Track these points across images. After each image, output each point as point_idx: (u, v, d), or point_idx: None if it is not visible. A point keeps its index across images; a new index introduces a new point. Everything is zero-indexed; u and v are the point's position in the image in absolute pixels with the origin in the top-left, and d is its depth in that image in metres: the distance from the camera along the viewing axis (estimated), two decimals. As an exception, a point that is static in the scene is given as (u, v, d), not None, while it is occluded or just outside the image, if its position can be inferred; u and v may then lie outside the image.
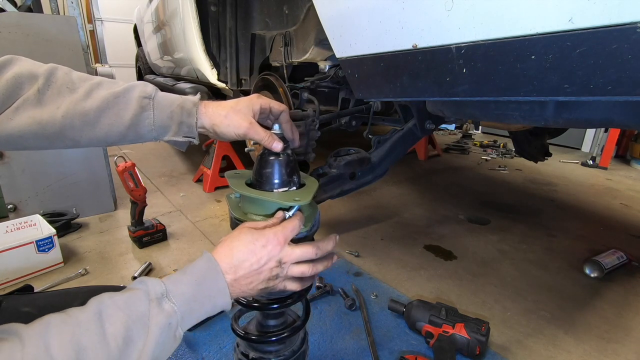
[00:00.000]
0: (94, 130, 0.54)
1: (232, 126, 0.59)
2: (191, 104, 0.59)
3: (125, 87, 0.56)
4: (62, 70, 0.55)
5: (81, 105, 0.53)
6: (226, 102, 0.61)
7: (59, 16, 1.88)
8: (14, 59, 0.53)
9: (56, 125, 0.52)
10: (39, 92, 0.51)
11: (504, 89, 0.57)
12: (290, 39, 1.50)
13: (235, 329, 0.73)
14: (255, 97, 0.63)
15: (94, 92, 0.54)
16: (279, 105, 0.65)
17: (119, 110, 0.55)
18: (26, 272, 1.31)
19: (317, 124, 1.29)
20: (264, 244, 0.52)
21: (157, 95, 0.58)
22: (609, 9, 0.42)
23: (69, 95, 0.53)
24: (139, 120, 0.56)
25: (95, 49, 5.77)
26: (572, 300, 1.26)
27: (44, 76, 0.52)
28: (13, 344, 0.36)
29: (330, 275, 1.33)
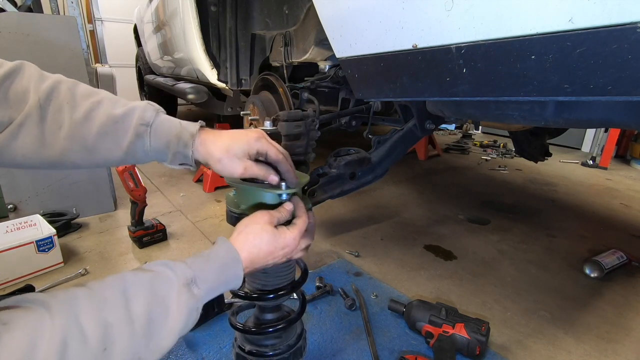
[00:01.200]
0: (93, 155, 0.55)
1: (225, 171, 0.58)
2: (188, 136, 0.57)
3: (125, 111, 0.55)
4: (66, 84, 0.54)
5: (80, 130, 0.52)
6: (223, 139, 0.58)
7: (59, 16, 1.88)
8: (24, 66, 0.52)
9: (57, 148, 0.52)
10: (40, 108, 0.50)
11: (504, 89, 0.57)
12: (290, 39, 1.50)
13: (232, 323, 0.74)
14: (254, 139, 0.59)
15: (94, 114, 0.53)
16: (276, 154, 0.60)
17: (117, 137, 0.54)
18: (26, 272, 1.31)
19: (317, 124, 1.29)
20: (283, 246, 0.57)
21: (156, 121, 0.56)
22: (609, 9, 0.42)
23: (69, 113, 0.52)
24: (136, 147, 0.56)
25: (95, 49, 5.77)
26: (572, 300, 1.26)
27: (46, 89, 0.52)
28: (40, 314, 0.36)
29: (330, 275, 1.33)
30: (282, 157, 0.61)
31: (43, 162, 0.53)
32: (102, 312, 0.39)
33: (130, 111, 0.55)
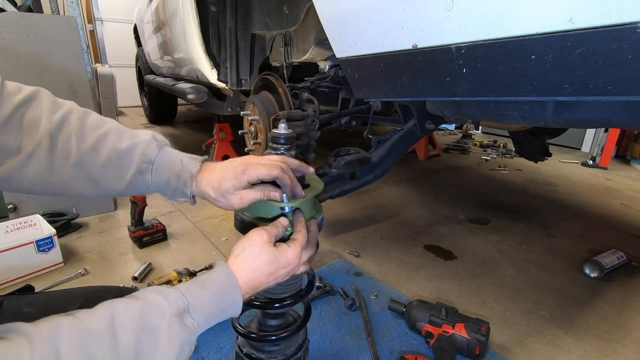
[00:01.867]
0: (96, 186, 0.56)
1: (224, 206, 0.59)
2: (188, 176, 0.58)
3: (129, 146, 0.56)
4: (76, 113, 0.55)
5: (87, 161, 0.54)
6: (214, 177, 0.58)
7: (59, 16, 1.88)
8: (40, 94, 0.54)
9: (64, 177, 0.53)
10: (50, 137, 0.52)
11: (504, 89, 0.57)
12: (290, 39, 1.50)
13: (234, 324, 0.73)
14: (240, 173, 0.57)
15: (100, 145, 0.54)
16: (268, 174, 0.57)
17: (120, 170, 0.56)
18: (26, 272, 1.31)
19: (317, 124, 1.29)
20: (285, 265, 0.55)
21: (158, 158, 0.57)
22: (609, 8, 0.42)
23: (76, 143, 0.53)
24: (137, 182, 0.57)
25: (95, 49, 5.77)
26: (572, 300, 1.26)
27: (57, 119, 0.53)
28: (20, 345, 0.35)
29: (330, 275, 1.33)
30: (278, 172, 0.58)
31: (48, 189, 0.54)
32: (86, 345, 0.38)
33: (134, 146, 0.56)
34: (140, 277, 1.29)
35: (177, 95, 2.66)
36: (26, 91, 0.52)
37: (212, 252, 1.52)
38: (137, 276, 1.29)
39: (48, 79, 1.63)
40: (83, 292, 0.77)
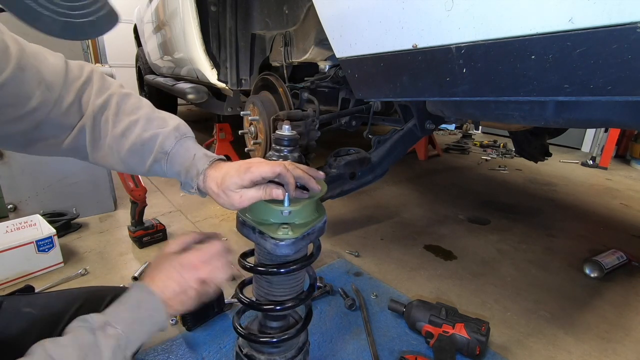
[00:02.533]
0: (125, 165, 0.63)
1: (225, 204, 0.60)
2: (195, 172, 0.61)
3: (152, 135, 0.61)
4: (116, 98, 0.62)
5: (116, 143, 0.61)
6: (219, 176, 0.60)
7: (59, 16, 1.88)
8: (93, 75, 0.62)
9: (101, 152, 0.62)
10: (94, 118, 0.60)
11: (504, 89, 0.57)
12: (290, 39, 1.50)
13: (235, 324, 0.73)
14: (244, 171, 0.58)
15: (128, 133, 0.61)
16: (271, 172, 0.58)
17: (142, 156, 0.62)
18: (26, 272, 1.31)
19: (317, 124, 1.29)
20: (180, 270, 0.58)
21: (173, 151, 0.62)
22: (609, 8, 0.42)
23: (111, 126, 0.60)
24: (154, 169, 0.63)
25: (95, 49, 5.76)
26: (572, 300, 1.26)
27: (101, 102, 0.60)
28: None
29: (330, 275, 1.33)
30: (281, 169, 0.59)
31: (96, 162, 0.64)
32: None
33: (155, 136, 0.61)
34: (140, 277, 1.29)
35: (177, 95, 2.66)
36: (84, 75, 0.60)
37: (212, 252, 1.52)
38: (137, 276, 1.29)
39: (48, 79, 1.63)
40: (83, 292, 0.77)
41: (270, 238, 0.59)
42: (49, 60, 0.57)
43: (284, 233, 0.59)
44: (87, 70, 0.61)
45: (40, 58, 0.56)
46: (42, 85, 0.54)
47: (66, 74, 0.58)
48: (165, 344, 0.99)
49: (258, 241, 0.61)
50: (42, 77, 0.55)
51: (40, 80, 0.54)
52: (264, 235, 0.60)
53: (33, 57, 0.55)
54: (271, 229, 0.60)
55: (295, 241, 0.59)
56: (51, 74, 0.56)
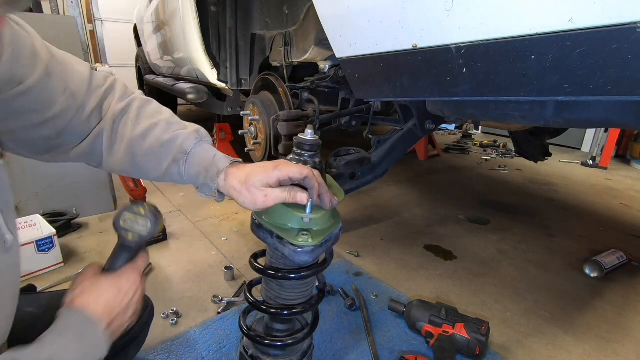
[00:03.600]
0: (140, 170, 0.62)
1: (248, 202, 0.57)
2: (215, 171, 0.60)
3: (171, 137, 0.61)
4: (138, 102, 0.63)
5: (134, 145, 0.60)
6: (243, 171, 0.59)
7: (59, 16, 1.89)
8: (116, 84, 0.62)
9: (117, 156, 0.61)
10: (113, 122, 0.60)
11: (504, 89, 0.57)
12: (290, 39, 1.50)
13: (241, 325, 0.73)
14: (272, 168, 0.58)
15: (148, 134, 0.60)
16: (299, 172, 0.58)
17: (160, 158, 0.61)
18: (26, 272, 1.31)
19: (317, 124, 1.29)
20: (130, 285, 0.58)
21: (193, 151, 0.61)
22: (609, 8, 0.42)
23: (131, 129, 0.60)
24: (172, 171, 0.62)
25: (95, 49, 5.77)
26: (572, 300, 1.26)
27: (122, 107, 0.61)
28: None
29: (330, 275, 1.33)
30: (309, 172, 0.58)
31: (107, 166, 0.63)
32: None
33: (175, 137, 0.61)
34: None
35: (177, 95, 2.66)
36: (108, 83, 0.61)
37: (212, 252, 1.52)
38: (137, 276, 1.29)
39: (48, 79, 1.63)
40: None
41: (290, 244, 0.58)
42: (76, 67, 0.57)
43: (304, 240, 0.58)
44: (110, 79, 0.62)
45: (68, 66, 0.56)
46: (67, 93, 0.55)
47: (90, 82, 0.59)
48: (165, 343, 0.99)
49: (276, 246, 0.60)
50: (67, 84, 0.55)
51: (66, 87, 0.55)
52: (283, 241, 0.59)
53: (61, 64, 0.55)
54: (290, 234, 0.59)
55: (314, 249, 0.59)
56: (76, 82, 0.57)
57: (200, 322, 1.08)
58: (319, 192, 0.60)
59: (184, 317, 1.11)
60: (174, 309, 1.12)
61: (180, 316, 1.11)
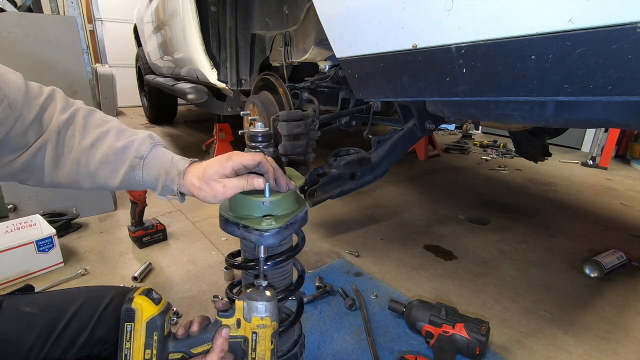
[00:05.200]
0: (93, 180, 0.60)
1: (209, 196, 0.59)
2: (176, 172, 0.60)
3: (125, 144, 0.60)
4: (82, 112, 0.61)
5: (85, 156, 0.58)
6: (199, 170, 0.60)
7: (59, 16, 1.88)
8: (55, 93, 0.60)
9: (66, 170, 0.59)
10: (58, 133, 0.58)
11: (504, 89, 0.57)
12: (290, 39, 1.50)
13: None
14: (225, 159, 0.60)
15: (99, 143, 0.59)
16: (252, 159, 0.60)
17: (115, 166, 0.60)
18: (26, 272, 1.31)
19: (317, 124, 1.29)
20: None
21: (150, 155, 0.61)
22: (609, 8, 0.42)
23: (79, 139, 0.58)
24: (130, 177, 0.60)
25: (95, 49, 5.77)
26: (572, 300, 1.26)
27: (66, 116, 0.59)
28: None
29: (330, 275, 1.33)
30: (261, 157, 0.60)
31: (54, 182, 0.60)
32: None
33: (129, 144, 0.60)
34: (140, 277, 1.29)
35: (177, 95, 2.66)
36: (45, 93, 0.59)
37: (212, 252, 1.52)
38: (137, 276, 1.29)
39: (48, 79, 1.63)
40: (83, 292, 0.77)
41: (255, 230, 0.60)
42: (9, 76, 0.55)
43: (267, 224, 0.61)
44: (47, 89, 0.60)
45: (1, 76, 0.54)
46: (4, 102, 0.52)
47: (27, 91, 0.56)
48: (165, 344, 0.99)
49: (243, 235, 0.62)
50: (3, 93, 0.52)
51: (2, 97, 0.52)
52: (249, 229, 0.61)
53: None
54: (255, 221, 0.62)
55: (279, 230, 0.61)
56: (12, 91, 0.54)
57: (200, 322, 1.08)
58: (274, 176, 0.61)
59: (184, 317, 1.11)
60: (174, 309, 1.12)
61: (180, 316, 1.11)
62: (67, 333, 0.67)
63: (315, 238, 1.66)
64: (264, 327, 0.58)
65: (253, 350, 0.59)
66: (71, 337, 0.67)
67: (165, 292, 1.24)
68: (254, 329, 0.58)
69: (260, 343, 0.58)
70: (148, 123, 4.70)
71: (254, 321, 0.58)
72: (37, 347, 0.64)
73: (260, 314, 0.58)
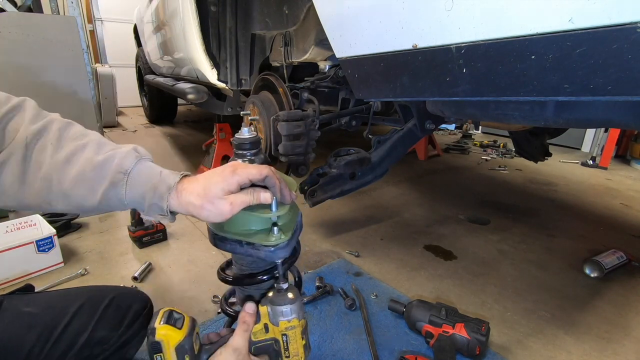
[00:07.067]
0: (68, 201, 0.53)
1: (212, 216, 0.53)
2: (165, 188, 0.53)
3: (106, 157, 0.53)
4: (58, 124, 0.54)
5: (58, 172, 0.51)
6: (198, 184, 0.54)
7: (59, 16, 1.88)
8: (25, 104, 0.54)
9: (35, 188, 0.51)
10: (26, 147, 0.50)
11: (504, 89, 0.57)
12: (290, 39, 1.50)
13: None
14: (229, 174, 0.54)
15: (74, 158, 0.52)
16: (259, 173, 0.55)
17: (93, 184, 0.52)
18: (26, 272, 1.31)
19: (317, 124, 1.29)
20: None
21: (135, 170, 0.53)
22: (608, 8, 0.42)
23: (51, 153, 0.51)
24: (111, 196, 0.53)
25: (95, 49, 5.77)
26: (572, 300, 1.26)
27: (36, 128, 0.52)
28: None
29: (330, 275, 1.33)
30: (268, 171, 0.56)
31: (21, 203, 0.52)
32: None
33: (110, 157, 0.53)
34: (140, 277, 1.29)
35: (177, 95, 2.66)
36: (12, 102, 0.52)
37: (212, 252, 1.52)
38: (137, 276, 1.29)
39: (48, 79, 1.63)
40: (83, 292, 0.77)
41: (263, 247, 0.57)
42: None
43: (277, 238, 0.57)
44: (16, 99, 0.53)
45: None
46: None
47: None
48: (165, 344, 0.99)
49: (249, 253, 0.58)
50: None
51: None
52: (255, 245, 0.57)
53: None
54: (261, 237, 0.57)
55: (289, 241, 0.59)
56: None
57: (200, 322, 1.08)
58: (280, 188, 0.57)
59: (184, 317, 1.11)
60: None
61: (180, 316, 1.11)
62: (67, 333, 0.67)
63: (315, 238, 1.66)
64: (292, 328, 0.57)
65: (286, 349, 0.58)
66: (72, 338, 0.67)
67: (166, 292, 1.24)
68: (283, 332, 0.57)
69: (291, 343, 0.58)
70: (148, 123, 4.70)
71: (282, 325, 0.57)
72: (37, 347, 0.64)
73: (286, 317, 0.56)
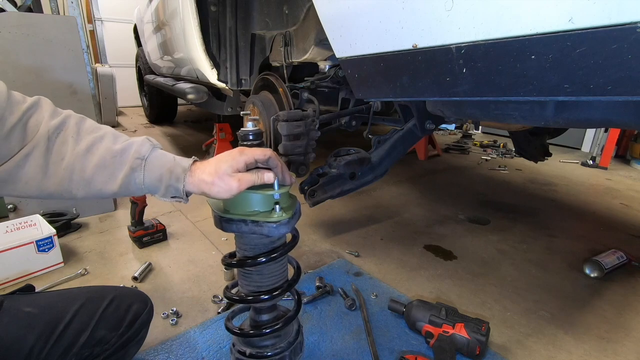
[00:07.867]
0: (89, 187, 0.57)
1: (222, 191, 0.59)
2: (180, 170, 0.60)
3: (124, 146, 0.58)
4: (74, 119, 0.59)
5: (80, 162, 0.56)
6: (210, 164, 0.61)
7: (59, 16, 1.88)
8: (41, 101, 0.58)
9: (57, 178, 0.55)
10: (48, 140, 0.55)
11: (504, 89, 0.57)
12: (290, 39, 1.50)
13: (230, 328, 0.74)
14: (238, 154, 0.61)
15: (94, 148, 0.57)
16: (263, 154, 0.63)
17: (113, 170, 0.57)
18: (26, 272, 1.31)
19: (317, 124, 1.29)
20: None
21: (151, 156, 0.59)
22: (609, 8, 0.42)
23: (72, 145, 0.56)
24: (130, 180, 0.58)
25: (95, 49, 5.77)
26: (572, 300, 1.26)
27: (56, 123, 0.56)
28: None
29: (330, 275, 1.33)
30: (271, 152, 0.63)
31: (43, 192, 0.56)
32: None
33: (128, 146, 0.59)
34: (140, 277, 1.29)
35: (177, 95, 2.66)
36: (30, 101, 0.56)
37: (212, 252, 1.52)
38: (137, 276, 1.29)
39: (48, 79, 1.63)
40: (83, 292, 0.77)
41: (267, 223, 0.62)
42: None
43: (279, 215, 0.62)
44: (32, 98, 0.57)
45: None
46: None
47: (8, 96, 0.54)
48: (165, 343, 0.99)
49: (253, 230, 0.63)
50: None
51: None
52: (259, 223, 0.62)
53: None
54: (264, 215, 0.63)
55: (289, 220, 0.63)
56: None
57: (200, 322, 1.08)
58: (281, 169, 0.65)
59: (184, 317, 1.11)
60: (174, 309, 1.12)
61: (180, 316, 1.11)
62: (67, 333, 0.67)
63: (315, 238, 1.66)
64: None
65: None
66: (72, 338, 0.68)
67: (166, 292, 1.24)
68: None
69: None
70: (148, 123, 4.70)
71: None
72: (37, 347, 0.64)
73: None
